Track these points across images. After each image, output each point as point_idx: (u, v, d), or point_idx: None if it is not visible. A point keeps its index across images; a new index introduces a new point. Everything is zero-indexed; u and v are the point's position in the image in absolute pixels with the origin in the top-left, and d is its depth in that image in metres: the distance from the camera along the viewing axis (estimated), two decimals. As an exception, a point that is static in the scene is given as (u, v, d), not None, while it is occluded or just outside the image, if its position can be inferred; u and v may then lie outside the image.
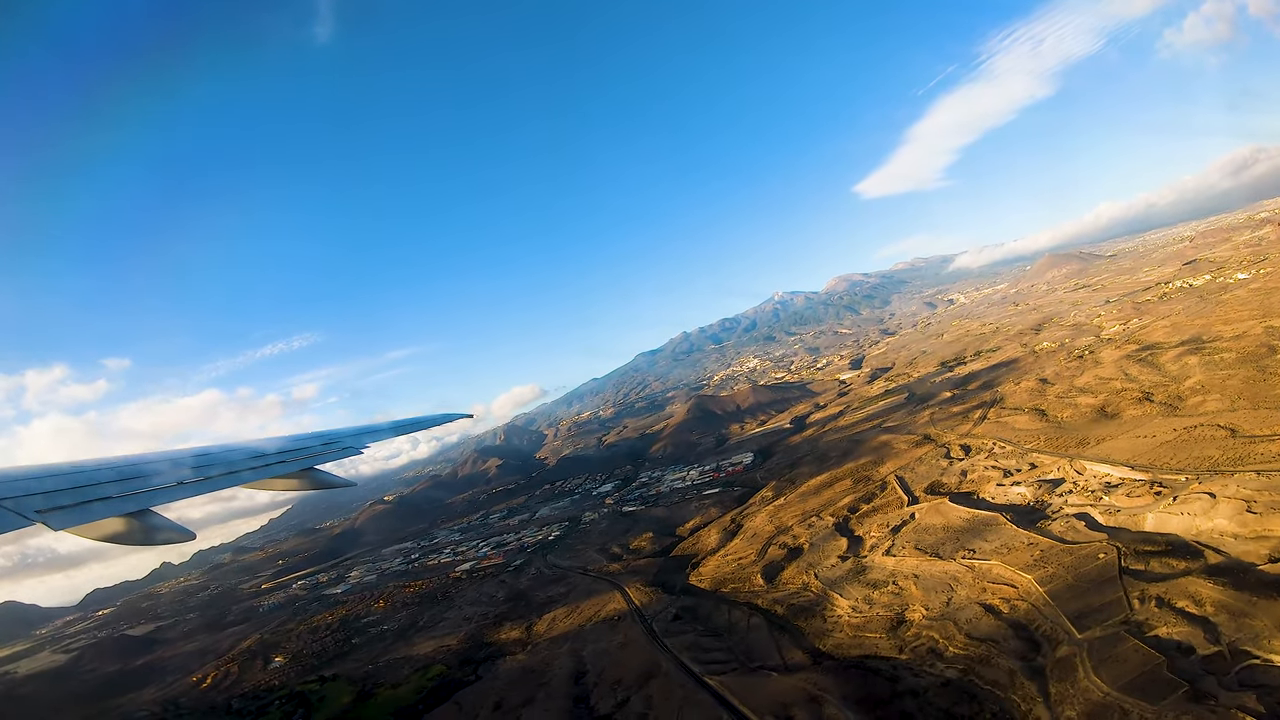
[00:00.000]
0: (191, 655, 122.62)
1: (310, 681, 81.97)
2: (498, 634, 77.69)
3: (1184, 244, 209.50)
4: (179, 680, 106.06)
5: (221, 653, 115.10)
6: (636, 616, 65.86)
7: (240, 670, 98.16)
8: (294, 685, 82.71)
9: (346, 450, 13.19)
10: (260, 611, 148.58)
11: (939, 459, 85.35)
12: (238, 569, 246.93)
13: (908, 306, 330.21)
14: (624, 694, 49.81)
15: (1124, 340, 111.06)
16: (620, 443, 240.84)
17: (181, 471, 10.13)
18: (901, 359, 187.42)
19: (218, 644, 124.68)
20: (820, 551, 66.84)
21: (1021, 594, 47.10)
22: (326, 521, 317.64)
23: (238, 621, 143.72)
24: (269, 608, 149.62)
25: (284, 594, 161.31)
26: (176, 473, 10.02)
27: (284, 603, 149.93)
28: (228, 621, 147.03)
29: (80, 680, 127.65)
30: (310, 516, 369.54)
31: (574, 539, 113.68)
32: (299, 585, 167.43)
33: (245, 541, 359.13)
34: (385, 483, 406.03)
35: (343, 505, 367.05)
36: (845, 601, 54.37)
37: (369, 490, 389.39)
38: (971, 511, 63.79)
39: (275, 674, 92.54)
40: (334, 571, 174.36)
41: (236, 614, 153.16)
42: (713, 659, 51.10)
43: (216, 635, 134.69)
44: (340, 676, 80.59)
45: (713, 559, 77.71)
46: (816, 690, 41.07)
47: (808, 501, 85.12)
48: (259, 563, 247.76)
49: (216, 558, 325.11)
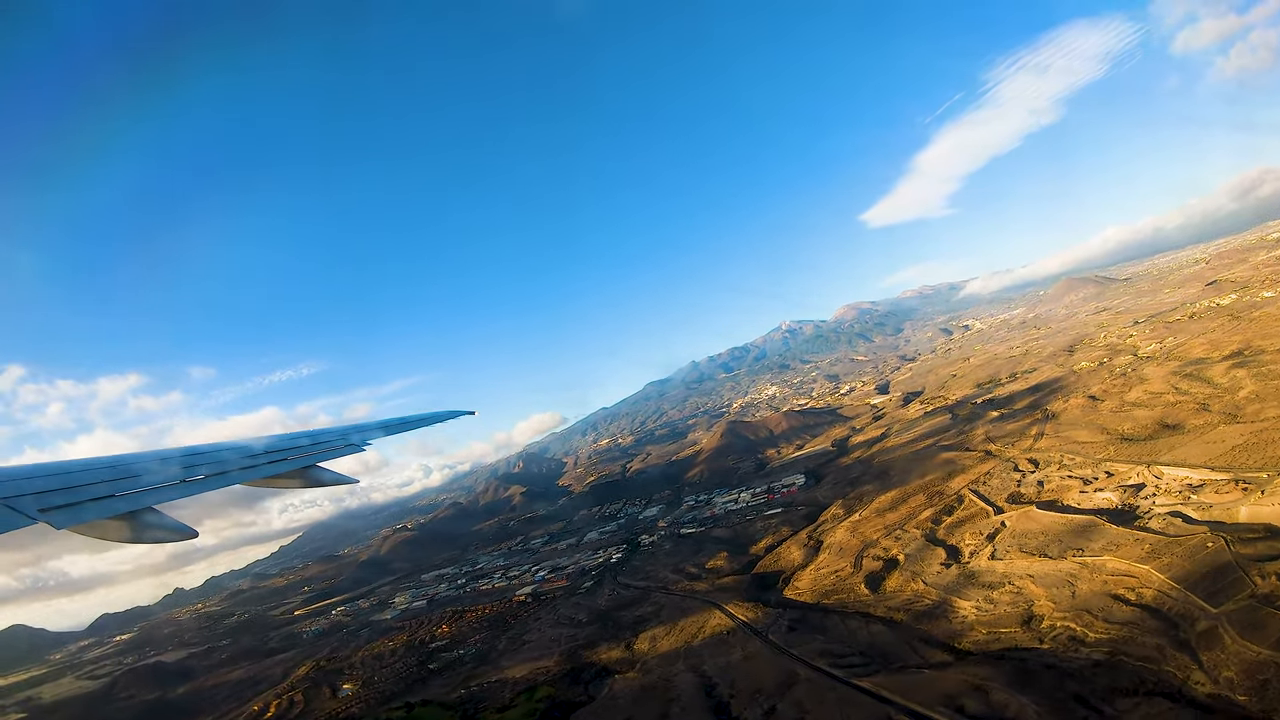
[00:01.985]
0: (240, 684, 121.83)
1: (395, 709, 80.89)
2: (595, 654, 77.98)
3: (1200, 266, 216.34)
4: (235, 710, 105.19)
5: (275, 681, 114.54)
6: (748, 630, 67.47)
7: (306, 699, 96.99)
8: (378, 713, 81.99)
9: (348, 448, 13.21)
10: (304, 638, 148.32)
11: (1009, 472, 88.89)
12: (260, 595, 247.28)
13: (922, 333, 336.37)
14: (768, 702, 51.51)
15: (1165, 358, 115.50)
16: (647, 469, 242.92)
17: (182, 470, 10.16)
18: (931, 383, 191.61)
19: (266, 672, 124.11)
20: (920, 561, 69.90)
21: (1143, 582, 50.52)
22: (345, 549, 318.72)
23: (282, 648, 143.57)
24: (312, 634, 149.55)
25: (325, 620, 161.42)
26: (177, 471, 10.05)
27: (328, 629, 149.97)
28: (270, 648, 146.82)
29: (118, 708, 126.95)
30: (324, 543, 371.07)
31: (639, 561, 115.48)
32: (339, 612, 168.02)
33: (259, 568, 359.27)
34: (400, 511, 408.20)
35: (356, 533, 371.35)
36: (967, 603, 57.49)
37: (384, 519, 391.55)
38: (1065, 516, 67.31)
39: (348, 702, 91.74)
40: (373, 598, 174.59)
41: (277, 640, 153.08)
42: (849, 663, 53.49)
43: (261, 662, 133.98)
44: (432, 702, 79.42)
45: (805, 573, 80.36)
46: (978, 680, 43.98)
47: (885, 517, 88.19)
48: (282, 589, 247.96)
49: (231, 584, 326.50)
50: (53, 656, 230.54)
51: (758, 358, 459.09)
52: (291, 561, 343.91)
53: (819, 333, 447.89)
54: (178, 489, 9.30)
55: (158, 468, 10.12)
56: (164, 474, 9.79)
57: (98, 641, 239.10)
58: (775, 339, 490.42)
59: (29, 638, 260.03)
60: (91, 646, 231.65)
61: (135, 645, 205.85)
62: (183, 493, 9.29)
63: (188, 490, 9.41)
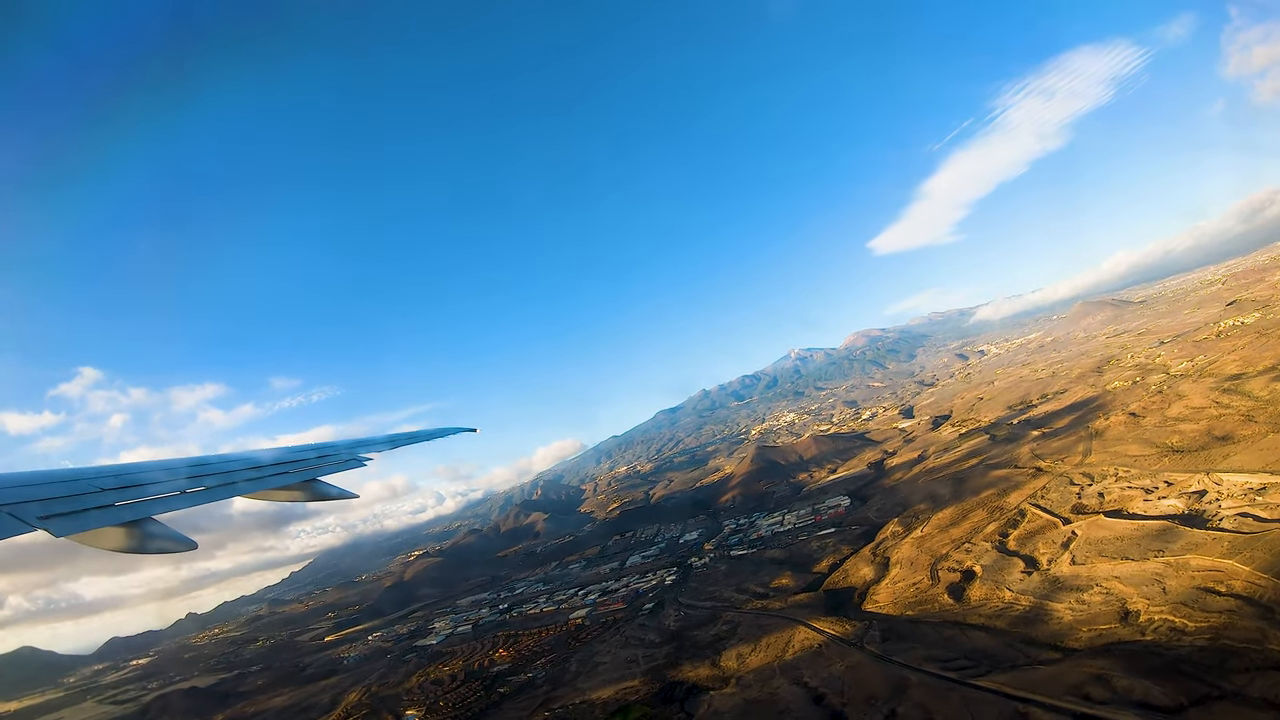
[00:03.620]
0: (286, 711, 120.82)
1: None
2: (680, 672, 78.00)
3: (1217, 286, 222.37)
4: None
5: (325, 708, 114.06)
6: (841, 642, 69.00)
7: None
8: None
9: (351, 462, 13.17)
10: (345, 664, 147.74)
11: (1065, 486, 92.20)
12: (282, 621, 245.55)
13: (936, 359, 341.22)
14: (886, 706, 53.61)
15: (1200, 375, 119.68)
16: (673, 495, 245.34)
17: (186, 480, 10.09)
18: (958, 406, 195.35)
19: (312, 699, 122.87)
20: (1000, 571, 72.93)
21: (1230, 575, 53.84)
22: (361, 575, 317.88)
23: (322, 674, 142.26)
24: (354, 660, 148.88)
25: (364, 646, 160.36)
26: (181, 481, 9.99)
27: (369, 655, 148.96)
28: (309, 675, 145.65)
29: None
30: (336, 570, 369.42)
31: (696, 582, 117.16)
32: (375, 638, 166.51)
33: (273, 594, 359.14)
34: (413, 538, 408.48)
35: (369, 560, 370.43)
36: (1060, 605, 60.59)
37: (396, 545, 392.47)
38: (1137, 523, 70.66)
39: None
40: (409, 623, 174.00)
41: (316, 667, 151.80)
42: (958, 667, 55.83)
43: (304, 689, 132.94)
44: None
45: (881, 587, 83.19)
46: (1096, 670, 47.09)
47: (949, 532, 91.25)
48: (304, 615, 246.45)
49: (244, 609, 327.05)
50: (66, 680, 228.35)
51: (769, 385, 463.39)
52: (305, 587, 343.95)
53: (831, 360, 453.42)
54: (180, 499, 9.19)
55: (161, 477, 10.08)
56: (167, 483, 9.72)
57: (113, 665, 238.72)
58: (786, 366, 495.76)
59: (38, 660, 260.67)
60: (106, 671, 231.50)
61: (155, 670, 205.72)
62: (185, 503, 9.18)
63: (190, 500, 9.33)
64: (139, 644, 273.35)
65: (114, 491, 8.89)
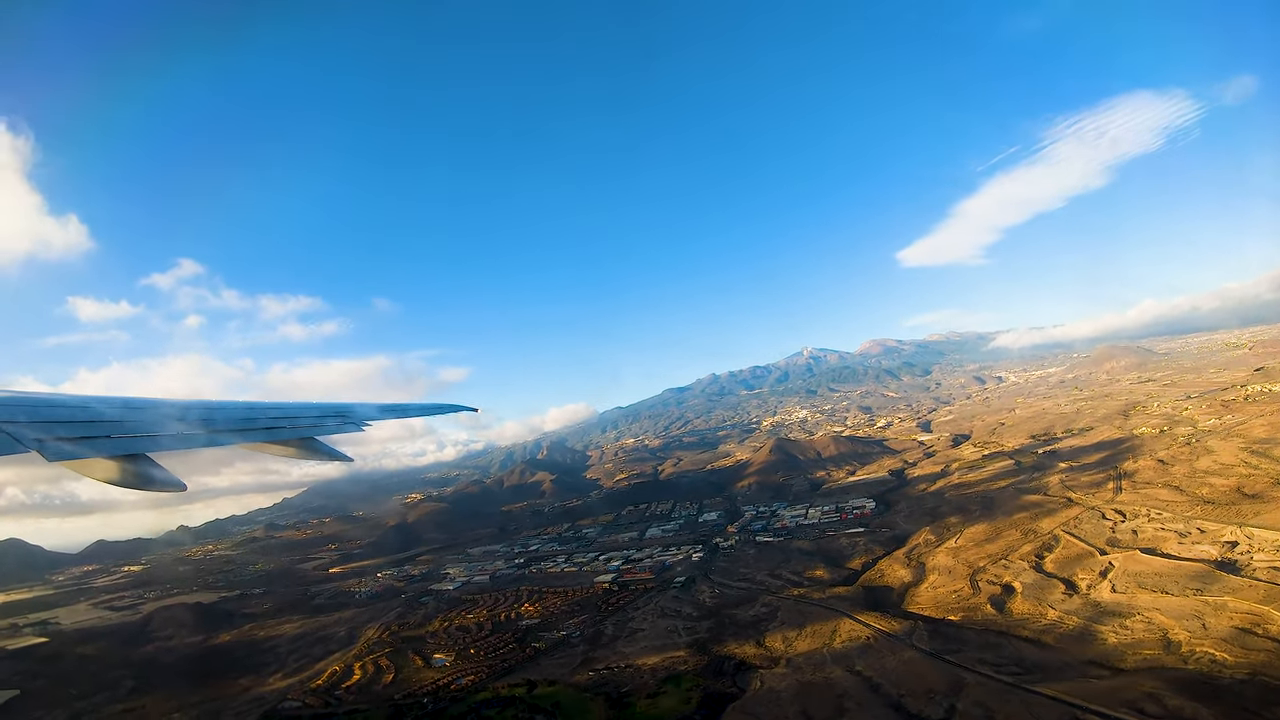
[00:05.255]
0: (300, 639, 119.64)
1: (515, 685, 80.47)
2: (724, 648, 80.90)
3: (1243, 351, 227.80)
4: (308, 668, 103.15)
5: (343, 641, 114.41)
6: (890, 637, 73.86)
7: (395, 665, 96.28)
8: (496, 688, 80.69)
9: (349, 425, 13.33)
10: (356, 598, 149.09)
11: (1097, 520, 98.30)
12: (280, 546, 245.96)
13: (953, 378, 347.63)
14: (945, 701, 58.08)
15: (1228, 434, 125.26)
16: (684, 474, 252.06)
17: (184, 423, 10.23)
18: (979, 428, 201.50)
19: (326, 630, 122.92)
20: (1042, 590, 79.05)
21: (1266, 620, 59.96)
22: (358, 510, 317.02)
23: (333, 606, 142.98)
24: (365, 595, 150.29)
25: (374, 583, 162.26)
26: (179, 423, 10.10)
27: (381, 593, 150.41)
28: (318, 604, 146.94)
29: (162, 648, 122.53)
30: (331, 501, 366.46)
31: (725, 563, 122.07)
32: (385, 576, 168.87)
33: (264, 518, 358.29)
34: (410, 480, 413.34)
35: (366, 496, 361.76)
36: (1105, 628, 66.64)
37: (394, 485, 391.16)
38: (1174, 562, 76.75)
39: (447, 673, 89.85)
40: (419, 566, 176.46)
41: (325, 598, 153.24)
42: (1010, 671, 61.62)
43: (315, 618, 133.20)
44: (558, 682, 79.68)
45: (921, 590, 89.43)
46: (1149, 688, 53.15)
47: (984, 547, 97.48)
48: (303, 543, 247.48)
49: (235, 529, 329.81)
50: (54, 577, 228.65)
51: (780, 379, 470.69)
52: (299, 515, 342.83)
53: (844, 364, 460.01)
54: (176, 440, 9.36)
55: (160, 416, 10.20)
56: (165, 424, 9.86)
57: (103, 569, 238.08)
58: (798, 363, 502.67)
59: (24, 553, 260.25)
60: (96, 573, 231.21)
61: (149, 579, 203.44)
62: (181, 444, 9.35)
63: (186, 443, 9.50)
64: (126, 550, 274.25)
65: (111, 424, 9.04)
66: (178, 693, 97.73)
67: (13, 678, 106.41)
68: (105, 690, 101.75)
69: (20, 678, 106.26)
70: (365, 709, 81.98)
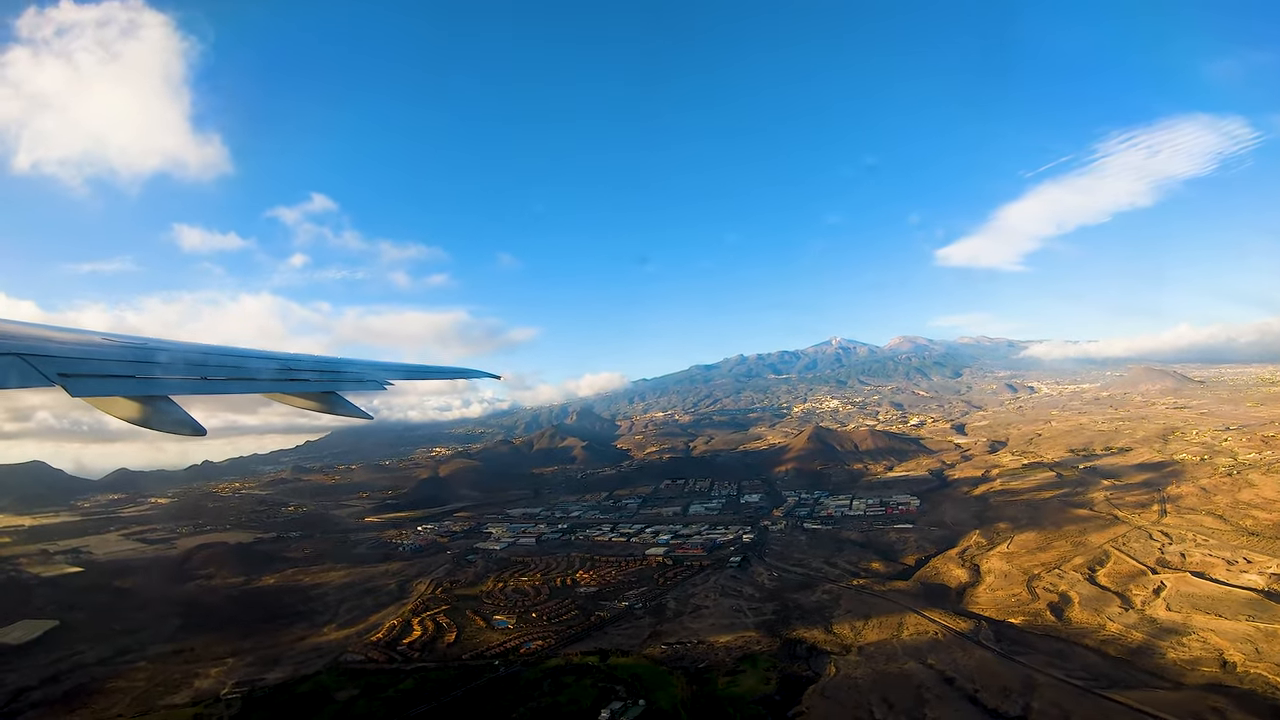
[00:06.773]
0: (347, 589, 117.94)
1: (589, 655, 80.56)
2: (794, 632, 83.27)
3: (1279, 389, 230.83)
4: (360, 620, 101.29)
5: (393, 594, 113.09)
6: (958, 635, 79.13)
7: (456, 625, 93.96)
8: (567, 656, 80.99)
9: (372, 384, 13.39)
10: (400, 550, 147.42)
11: (1145, 539, 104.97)
12: (310, 490, 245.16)
13: (984, 383, 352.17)
14: (1021, 700, 63.19)
15: (1268, 469, 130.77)
16: (718, 454, 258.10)
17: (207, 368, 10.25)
18: (1014, 436, 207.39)
19: (374, 581, 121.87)
20: (1099, 602, 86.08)
21: (1318, 651, 66.91)
22: (385, 460, 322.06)
23: (379, 558, 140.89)
24: (409, 548, 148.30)
25: (415, 536, 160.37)
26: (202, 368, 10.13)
27: (425, 547, 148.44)
28: (360, 554, 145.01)
29: (204, 587, 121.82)
30: (354, 448, 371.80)
31: (778, 546, 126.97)
32: (426, 530, 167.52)
33: (288, 459, 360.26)
34: (434, 434, 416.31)
35: (389, 445, 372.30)
36: (1164, 644, 73.64)
37: (418, 438, 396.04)
38: (1224, 588, 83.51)
39: (511, 636, 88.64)
40: (458, 523, 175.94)
41: (367, 547, 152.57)
42: (1079, 677, 68.15)
43: (361, 568, 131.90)
44: (631, 653, 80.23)
45: (979, 591, 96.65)
46: (1212, 703, 60.18)
47: (1037, 555, 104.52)
48: (332, 488, 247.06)
49: (258, 468, 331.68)
50: (79, 503, 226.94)
51: (809, 366, 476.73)
52: (324, 459, 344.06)
53: (873, 357, 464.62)
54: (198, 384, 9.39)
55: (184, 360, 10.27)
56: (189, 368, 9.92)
57: (129, 499, 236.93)
58: (827, 353, 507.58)
59: (49, 476, 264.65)
60: (123, 502, 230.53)
61: (180, 513, 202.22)
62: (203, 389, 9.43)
63: (208, 388, 9.55)
64: (148, 480, 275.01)
65: (136, 364, 9.07)
66: (228, 636, 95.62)
67: (48, 607, 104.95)
68: (149, 627, 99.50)
69: (55, 608, 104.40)
70: (434, 667, 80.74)
